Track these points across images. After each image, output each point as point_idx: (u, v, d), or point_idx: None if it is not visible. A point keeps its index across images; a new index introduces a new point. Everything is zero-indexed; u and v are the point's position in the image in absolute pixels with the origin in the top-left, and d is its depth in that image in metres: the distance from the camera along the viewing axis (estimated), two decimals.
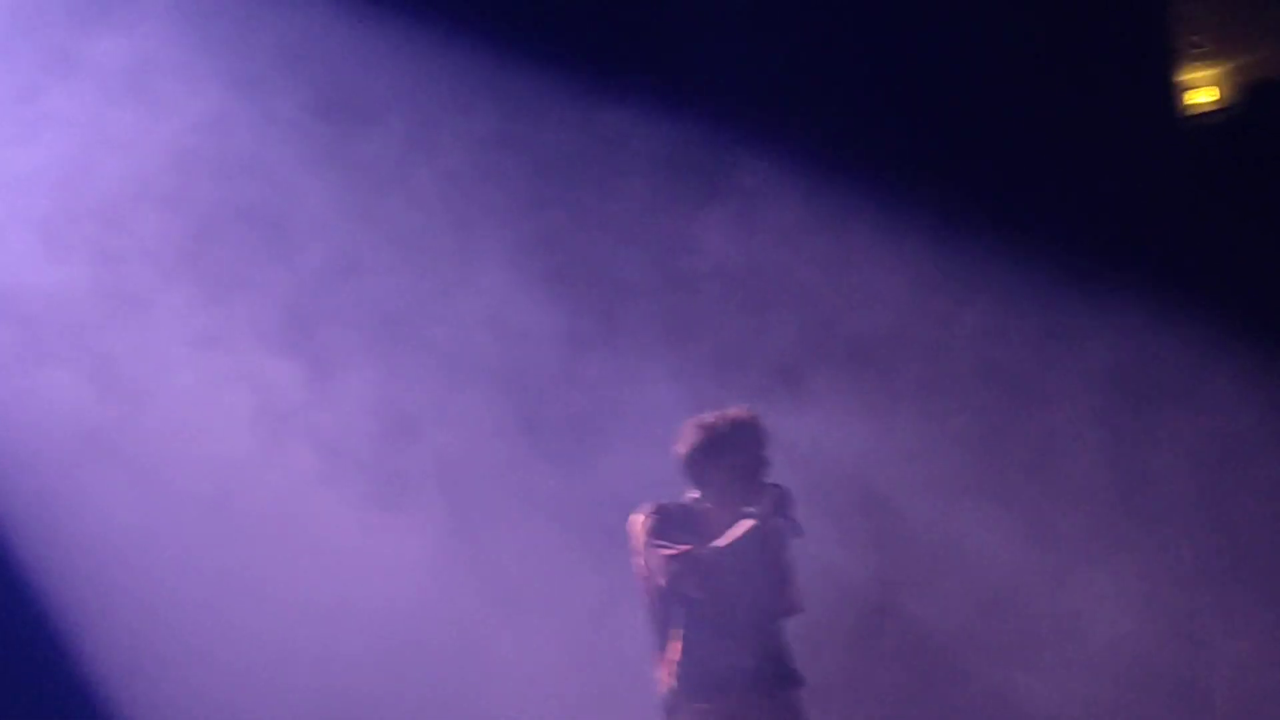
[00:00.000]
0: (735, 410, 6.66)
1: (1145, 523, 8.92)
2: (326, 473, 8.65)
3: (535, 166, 8.85)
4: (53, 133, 8.53)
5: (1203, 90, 9.92)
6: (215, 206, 8.77)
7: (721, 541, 6.36)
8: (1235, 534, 8.92)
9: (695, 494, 6.61)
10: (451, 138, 8.77)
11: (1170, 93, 9.79)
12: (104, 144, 8.57)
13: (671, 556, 6.33)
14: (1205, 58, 9.94)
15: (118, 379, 8.54)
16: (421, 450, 8.74)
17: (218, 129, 8.75)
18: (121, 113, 8.59)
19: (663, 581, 6.37)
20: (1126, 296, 9.08)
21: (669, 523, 6.46)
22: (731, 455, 6.54)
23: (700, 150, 8.91)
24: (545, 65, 8.82)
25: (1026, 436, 9.05)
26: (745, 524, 6.37)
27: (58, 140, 8.52)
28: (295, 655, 8.51)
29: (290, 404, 8.71)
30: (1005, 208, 9.23)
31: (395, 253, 8.80)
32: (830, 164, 9.00)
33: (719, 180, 8.92)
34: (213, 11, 8.72)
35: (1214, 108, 9.90)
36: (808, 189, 8.96)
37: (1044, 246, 9.13)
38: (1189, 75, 9.92)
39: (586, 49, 8.96)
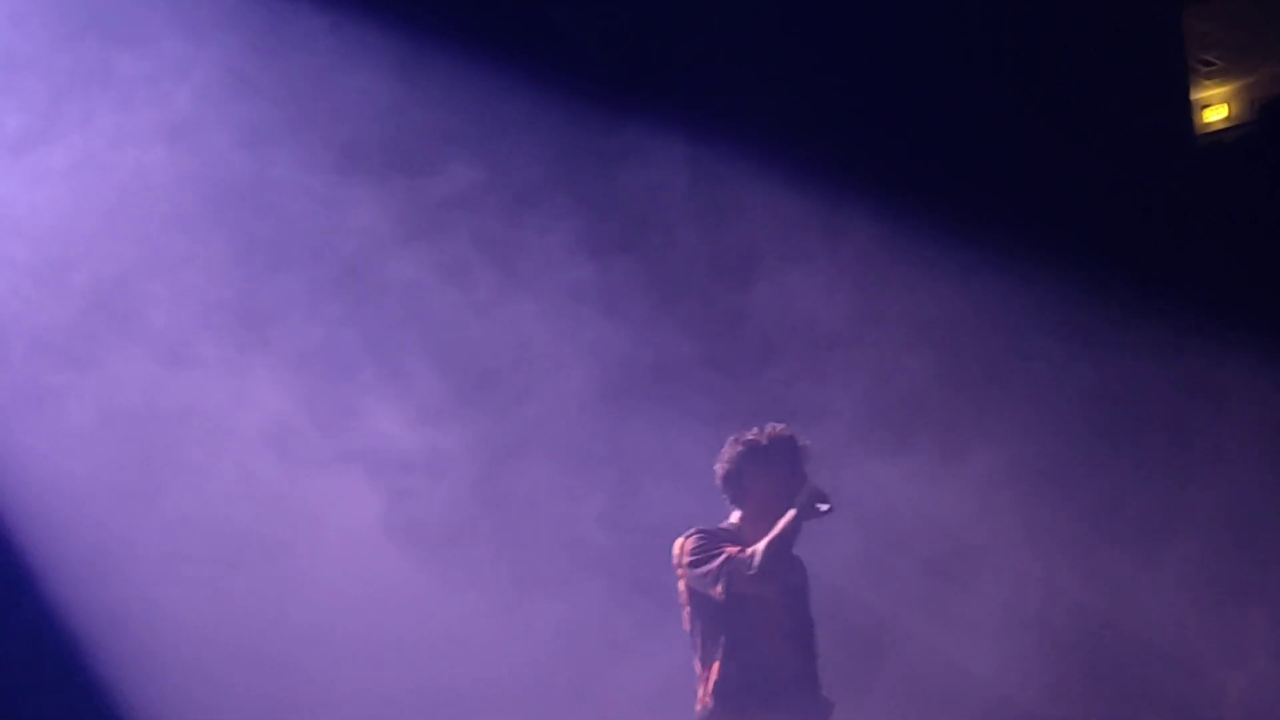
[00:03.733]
0: (773, 427, 6.71)
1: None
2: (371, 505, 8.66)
3: (592, 206, 8.91)
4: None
5: (1216, 108, 10.00)
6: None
7: (766, 537, 6.36)
8: None
9: (735, 518, 6.68)
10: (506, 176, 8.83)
11: (1185, 111, 9.87)
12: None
13: (726, 558, 6.37)
14: (1218, 75, 10.02)
15: (163, 410, 8.53)
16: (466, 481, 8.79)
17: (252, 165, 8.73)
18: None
19: (717, 589, 6.39)
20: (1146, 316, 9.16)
21: (713, 539, 6.53)
22: (770, 470, 6.60)
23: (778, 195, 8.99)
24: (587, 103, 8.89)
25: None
26: (787, 516, 6.38)
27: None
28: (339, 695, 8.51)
29: (334, 438, 8.69)
30: (1023, 230, 9.27)
31: (449, 292, 8.82)
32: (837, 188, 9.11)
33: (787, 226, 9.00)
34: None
35: (1228, 125, 9.97)
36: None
37: (1066, 269, 9.20)
38: (1202, 94, 10.00)
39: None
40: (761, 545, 6.36)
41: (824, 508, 6.39)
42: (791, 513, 6.38)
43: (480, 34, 8.89)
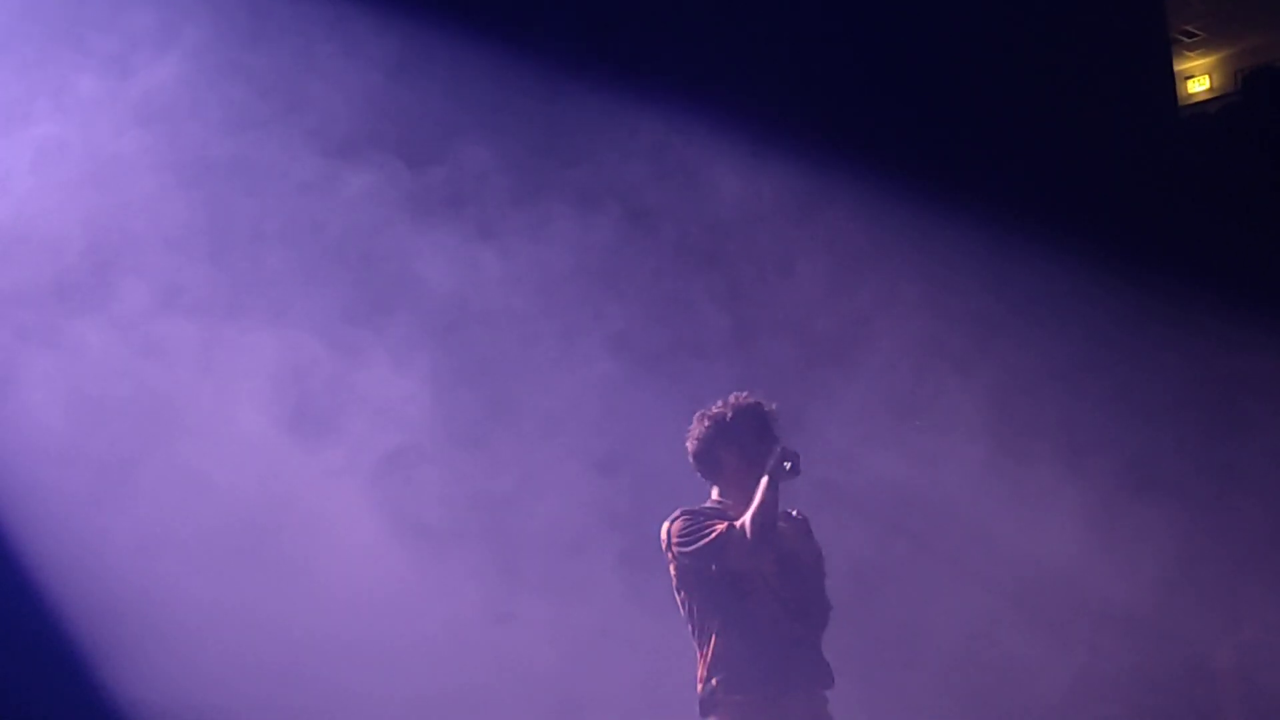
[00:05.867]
0: (736, 397, 6.64)
1: None
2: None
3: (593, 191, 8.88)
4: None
5: (1199, 79, 10.01)
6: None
7: (749, 510, 6.29)
8: None
9: (715, 493, 6.62)
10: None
11: (1167, 82, 9.87)
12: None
13: (716, 535, 6.32)
14: (1200, 46, 10.02)
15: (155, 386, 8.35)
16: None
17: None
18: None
19: (710, 567, 6.38)
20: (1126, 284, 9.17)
21: (700, 517, 6.46)
22: (738, 441, 6.54)
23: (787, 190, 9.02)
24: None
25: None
26: (763, 484, 6.31)
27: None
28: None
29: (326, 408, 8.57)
30: (1005, 204, 9.26)
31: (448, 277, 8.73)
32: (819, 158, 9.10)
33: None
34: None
35: (1210, 96, 9.98)
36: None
37: (1046, 242, 9.19)
38: (1185, 65, 10.00)
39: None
40: (748, 518, 6.31)
41: (788, 467, 6.33)
42: (766, 479, 6.34)
43: (473, 18, 8.77)
